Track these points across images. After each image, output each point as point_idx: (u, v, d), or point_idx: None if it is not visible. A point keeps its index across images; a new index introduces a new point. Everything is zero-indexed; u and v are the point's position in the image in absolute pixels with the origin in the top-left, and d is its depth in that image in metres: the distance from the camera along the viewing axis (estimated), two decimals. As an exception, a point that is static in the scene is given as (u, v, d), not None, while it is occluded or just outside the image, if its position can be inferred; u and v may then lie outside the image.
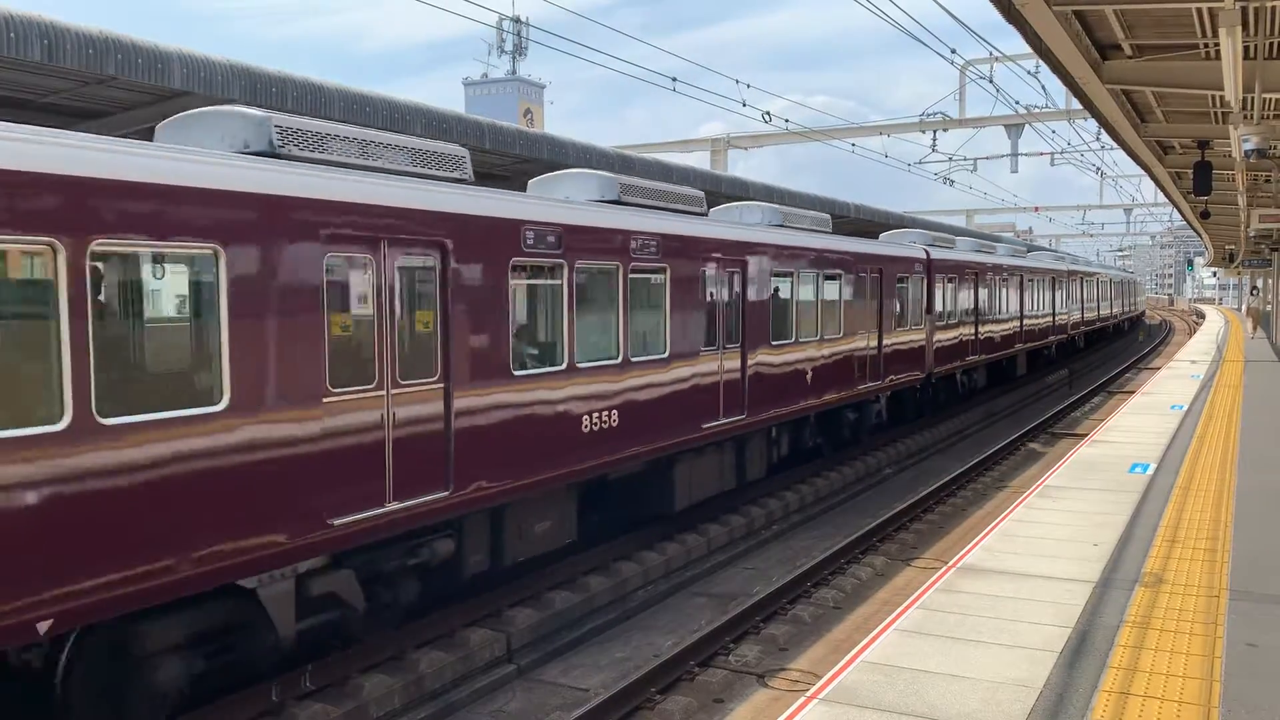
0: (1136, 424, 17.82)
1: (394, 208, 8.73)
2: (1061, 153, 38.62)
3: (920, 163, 37.17)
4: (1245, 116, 13.68)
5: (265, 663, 8.23)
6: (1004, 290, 28.16)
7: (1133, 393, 26.17)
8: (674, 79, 21.53)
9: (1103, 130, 19.25)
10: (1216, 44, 10.94)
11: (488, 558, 10.38)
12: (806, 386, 16.65)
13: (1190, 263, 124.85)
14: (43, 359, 6.36)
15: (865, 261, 18.94)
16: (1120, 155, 27.28)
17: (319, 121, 9.02)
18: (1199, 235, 53.20)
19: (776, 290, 15.65)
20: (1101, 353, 49.70)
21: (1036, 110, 30.77)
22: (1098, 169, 43.51)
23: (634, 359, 12.13)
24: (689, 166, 21.52)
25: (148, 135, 8.91)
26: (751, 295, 14.78)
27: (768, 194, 22.27)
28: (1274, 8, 10.80)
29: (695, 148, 38.22)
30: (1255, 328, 49.20)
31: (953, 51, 22.60)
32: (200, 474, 7.13)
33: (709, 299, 13.78)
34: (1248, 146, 14.25)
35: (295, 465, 7.80)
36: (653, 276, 12.64)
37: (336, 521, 8.10)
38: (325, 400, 8.01)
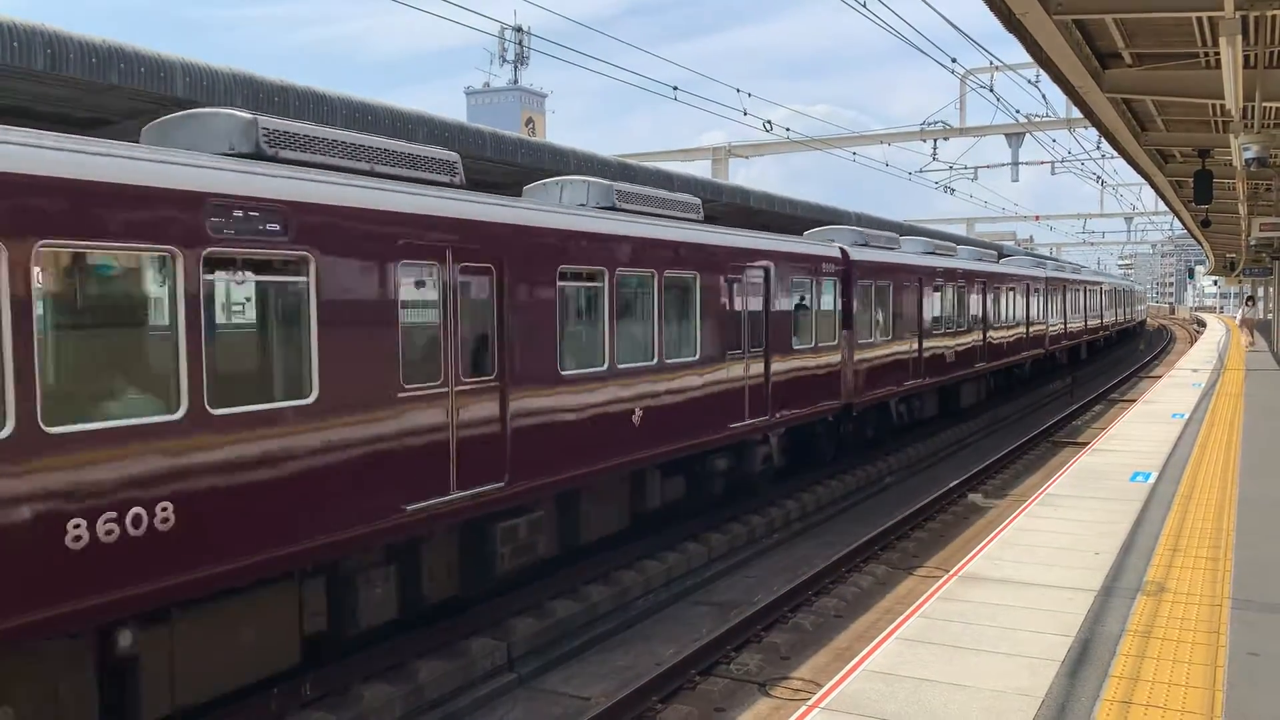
0: (1138, 432, 17.80)
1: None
2: (1062, 161, 38.67)
3: (921, 171, 37.24)
4: (1246, 125, 13.69)
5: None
6: (1077, 298, 40.90)
7: (1134, 401, 26.15)
8: (675, 88, 21.56)
9: (1103, 139, 19.29)
10: (1217, 53, 10.95)
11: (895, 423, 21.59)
12: (1002, 352, 28.88)
13: (1191, 271, 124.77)
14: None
15: (1023, 279, 31.53)
16: (1121, 164, 27.45)
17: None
18: (1200, 244, 53.16)
19: (994, 300, 27.82)
20: (1102, 361, 49.66)
21: (1037, 119, 30.82)
22: (1098, 177, 43.47)
23: (964, 331, 25.11)
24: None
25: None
26: (991, 305, 27.23)
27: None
28: (1274, 16, 10.82)
29: (696, 156, 38.26)
30: (1250, 340, 45.38)
31: (953, 61, 22.65)
32: (811, 379, 16.88)
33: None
34: (1248, 155, 14.25)
35: (822, 375, 17.28)
36: (972, 292, 25.74)
37: (881, 390, 19.90)
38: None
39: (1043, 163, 40.00)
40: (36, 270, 6.35)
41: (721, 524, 14.89)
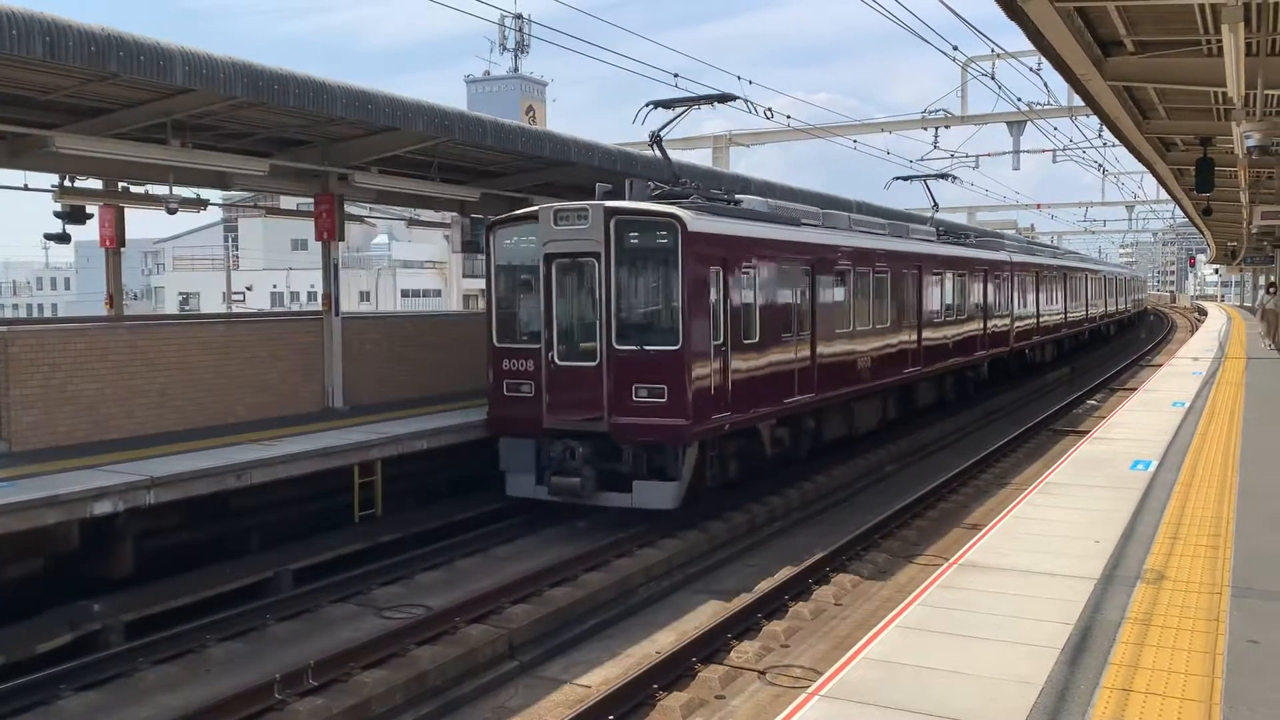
0: (1138, 421, 17.80)
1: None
2: (1063, 149, 38.54)
3: (922, 159, 37.12)
4: (1247, 113, 13.65)
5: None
6: (1117, 286, 53.23)
7: (1134, 389, 26.13)
8: (676, 74, 21.51)
9: (1105, 127, 19.23)
10: (1219, 40, 10.92)
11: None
12: (1087, 320, 42.86)
13: (1192, 260, 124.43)
14: None
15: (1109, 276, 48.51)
16: (1122, 152, 27.48)
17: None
18: (1201, 232, 53.07)
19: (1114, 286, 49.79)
20: (1103, 350, 49.71)
21: (1038, 107, 30.76)
22: (1099, 166, 43.40)
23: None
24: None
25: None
26: (1093, 287, 44.71)
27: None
28: (1276, 3, 10.78)
29: (697, 145, 38.18)
30: (1274, 337, 35.94)
31: (955, 48, 22.61)
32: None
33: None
34: (1250, 143, 14.24)
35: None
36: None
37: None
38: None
39: (1044, 151, 39.96)
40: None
41: (722, 512, 14.91)
